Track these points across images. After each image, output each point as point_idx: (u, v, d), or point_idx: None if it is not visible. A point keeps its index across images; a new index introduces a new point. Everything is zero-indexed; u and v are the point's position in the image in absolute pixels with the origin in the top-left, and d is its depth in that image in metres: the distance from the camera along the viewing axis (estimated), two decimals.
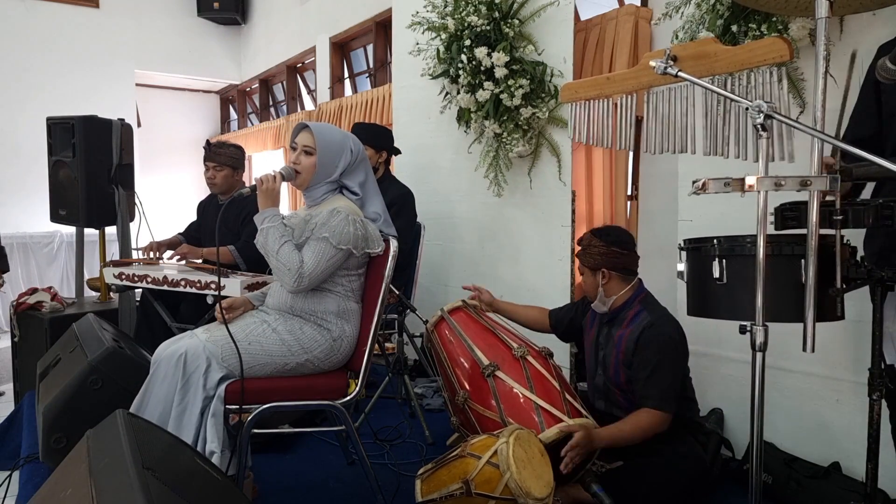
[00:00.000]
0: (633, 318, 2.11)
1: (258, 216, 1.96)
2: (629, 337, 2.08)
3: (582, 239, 2.23)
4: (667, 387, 2.00)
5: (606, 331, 2.19)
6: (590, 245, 2.17)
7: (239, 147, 3.31)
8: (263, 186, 1.96)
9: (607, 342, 2.18)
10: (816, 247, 1.39)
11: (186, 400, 1.78)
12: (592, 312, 2.30)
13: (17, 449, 2.61)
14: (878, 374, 1.48)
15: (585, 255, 2.18)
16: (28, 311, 3.25)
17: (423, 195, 3.43)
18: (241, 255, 3.06)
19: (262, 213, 1.96)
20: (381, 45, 5.25)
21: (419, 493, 1.88)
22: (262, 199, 1.97)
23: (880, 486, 1.62)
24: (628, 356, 2.08)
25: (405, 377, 2.81)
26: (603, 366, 2.19)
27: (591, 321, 2.31)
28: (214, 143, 3.24)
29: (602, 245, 2.14)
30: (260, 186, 1.97)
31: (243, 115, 8.33)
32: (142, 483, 1.05)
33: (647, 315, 2.09)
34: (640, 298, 2.15)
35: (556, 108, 3.00)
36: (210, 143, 3.23)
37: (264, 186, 1.96)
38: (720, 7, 2.26)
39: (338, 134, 2.06)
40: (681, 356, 2.08)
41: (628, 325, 2.11)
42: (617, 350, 2.12)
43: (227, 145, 3.25)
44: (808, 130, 1.33)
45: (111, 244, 3.90)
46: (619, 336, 2.12)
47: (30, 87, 6.44)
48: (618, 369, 2.12)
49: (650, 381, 2.00)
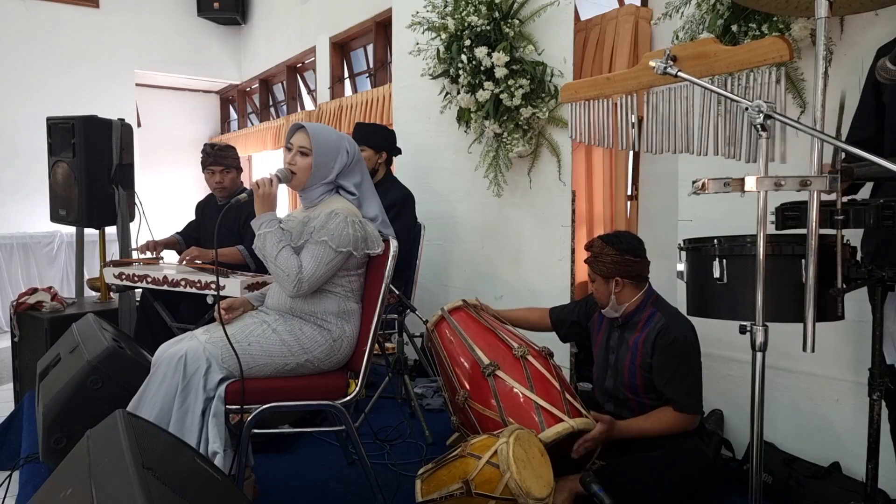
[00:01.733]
0: (646, 321, 2.12)
1: (255, 221, 1.96)
2: (645, 341, 2.09)
3: (591, 245, 2.18)
4: (690, 387, 2.03)
5: (619, 335, 2.19)
6: (602, 253, 2.13)
7: (234, 148, 3.34)
8: (260, 191, 1.96)
9: (619, 346, 2.18)
10: (817, 247, 1.39)
11: (188, 403, 1.78)
12: (600, 315, 2.30)
13: (17, 449, 2.61)
14: (878, 374, 1.48)
15: (598, 263, 2.14)
16: (28, 311, 3.25)
17: (423, 195, 3.43)
18: (251, 254, 3.06)
19: (259, 218, 1.95)
20: (381, 45, 5.25)
21: (419, 493, 1.88)
22: (259, 204, 1.97)
23: (880, 486, 1.62)
24: (646, 359, 2.09)
25: (405, 377, 2.81)
26: (614, 369, 2.19)
27: (599, 324, 2.30)
28: (217, 146, 3.24)
29: (615, 253, 2.11)
30: (256, 191, 1.96)
31: (243, 115, 8.33)
32: (142, 483, 1.05)
33: (660, 317, 2.10)
34: (652, 301, 2.16)
35: (556, 108, 3.01)
36: (213, 147, 3.22)
37: (261, 191, 1.96)
38: (720, 7, 2.26)
39: (333, 135, 2.05)
40: (697, 355, 2.10)
41: (643, 328, 2.12)
42: (633, 354, 2.12)
43: (227, 148, 3.26)
44: (808, 130, 1.33)
45: (111, 244, 3.91)
46: (634, 341, 2.12)
47: (30, 87, 6.45)
48: (634, 373, 2.12)
49: (671, 384, 2.03)
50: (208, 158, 3.19)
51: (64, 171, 3.45)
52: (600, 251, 2.14)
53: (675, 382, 2.02)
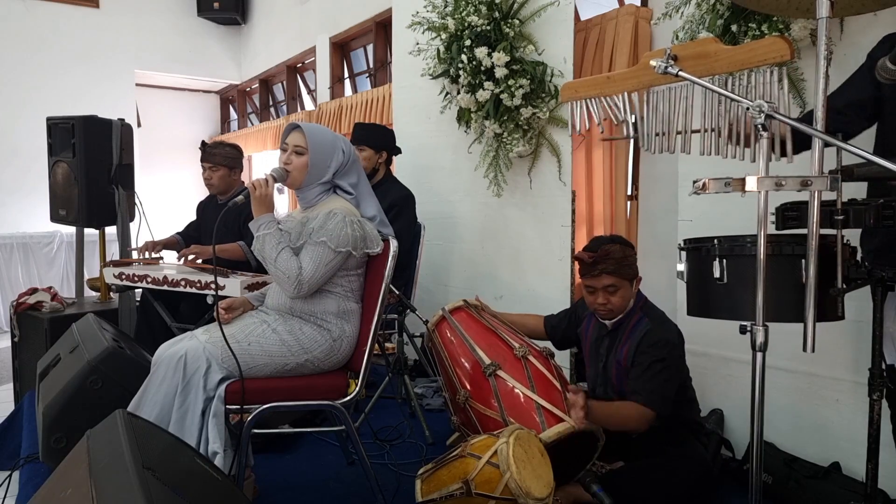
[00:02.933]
0: (633, 327, 2.11)
1: (253, 223, 1.95)
2: (631, 347, 2.08)
3: (609, 253, 2.05)
4: (656, 386, 1.98)
5: (608, 343, 2.18)
6: (625, 256, 2.07)
7: (235, 146, 3.31)
8: (256, 192, 1.95)
9: (608, 353, 2.17)
10: (817, 247, 1.39)
11: (188, 403, 1.78)
12: (587, 322, 2.29)
13: (17, 449, 2.61)
14: (878, 374, 1.48)
15: (625, 267, 2.06)
16: (28, 311, 3.25)
17: (423, 195, 3.43)
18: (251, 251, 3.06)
19: (257, 220, 1.95)
20: (381, 45, 5.25)
21: (419, 493, 1.88)
22: (257, 206, 1.96)
23: (880, 486, 1.62)
24: (629, 364, 2.08)
25: (405, 377, 2.81)
26: (604, 376, 2.19)
27: (587, 331, 2.29)
28: (210, 143, 3.24)
29: (633, 252, 2.10)
30: (253, 192, 1.96)
31: (243, 115, 8.33)
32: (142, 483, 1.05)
33: (647, 322, 2.09)
34: (641, 305, 2.15)
35: (557, 108, 3.00)
36: (205, 144, 3.23)
37: (257, 192, 1.95)
38: (720, 7, 2.26)
39: (328, 134, 2.05)
40: (676, 359, 2.07)
41: (629, 335, 2.10)
42: (619, 361, 2.11)
43: (223, 145, 3.25)
44: (809, 130, 1.33)
45: (111, 244, 3.91)
46: (622, 348, 2.11)
47: (30, 87, 6.44)
48: (621, 379, 2.11)
49: (640, 378, 2.01)
50: (200, 155, 3.21)
51: (64, 171, 3.46)
52: (623, 254, 2.06)
53: (644, 377, 1.99)
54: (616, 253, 2.05)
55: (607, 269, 2.05)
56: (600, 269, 2.05)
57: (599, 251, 2.06)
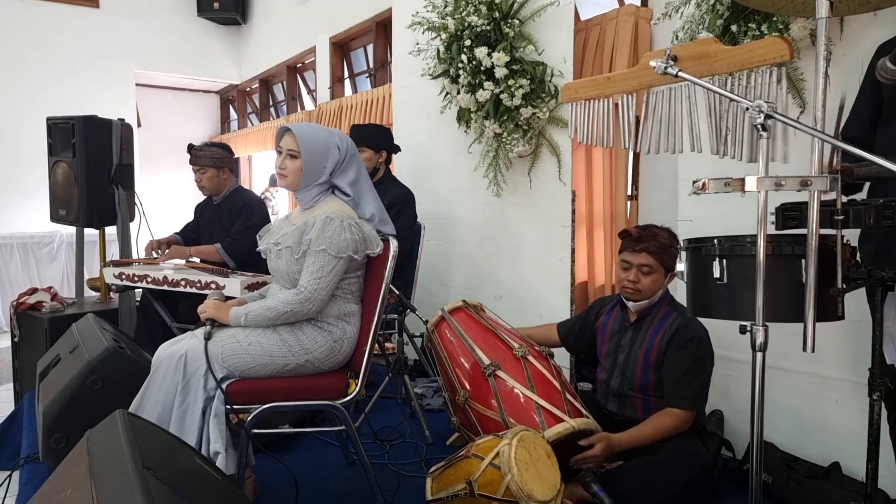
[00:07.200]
0: (661, 319, 2.12)
1: (233, 322, 1.94)
2: (661, 339, 2.09)
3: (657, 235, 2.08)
4: (699, 387, 2.04)
5: (631, 334, 2.19)
6: (671, 244, 2.09)
7: (222, 145, 3.33)
8: (206, 314, 1.96)
9: (631, 345, 2.18)
10: (817, 247, 1.39)
11: (187, 402, 1.78)
12: (607, 316, 2.30)
13: (17, 449, 2.61)
14: (878, 374, 1.48)
15: (666, 253, 2.08)
16: (28, 311, 3.25)
17: (423, 195, 3.43)
18: (227, 252, 3.09)
19: (233, 318, 1.93)
20: (381, 45, 5.25)
21: (429, 490, 1.89)
22: (222, 315, 1.95)
23: (880, 486, 1.62)
24: (660, 357, 2.09)
25: (405, 377, 2.81)
26: (622, 368, 2.19)
27: (606, 325, 2.30)
28: (196, 146, 3.26)
29: (677, 245, 2.09)
30: (204, 315, 1.97)
31: (243, 115, 8.33)
32: (142, 483, 1.05)
33: (677, 316, 2.10)
34: (668, 300, 2.16)
35: (557, 108, 3.01)
36: (192, 147, 3.25)
37: (206, 314, 1.96)
38: (720, 7, 2.26)
39: (322, 133, 2.01)
40: (711, 357, 2.10)
41: (658, 326, 2.12)
42: (647, 351, 2.12)
43: (209, 146, 3.28)
44: (809, 130, 1.33)
45: (111, 244, 3.91)
46: (649, 339, 2.12)
47: (30, 87, 6.44)
48: (647, 371, 2.12)
49: (682, 381, 2.03)
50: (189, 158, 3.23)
51: (64, 171, 3.46)
52: (668, 242, 2.09)
53: (685, 380, 2.02)
54: (663, 238, 2.10)
55: (649, 249, 2.09)
56: (643, 247, 2.09)
57: (648, 231, 2.11)
